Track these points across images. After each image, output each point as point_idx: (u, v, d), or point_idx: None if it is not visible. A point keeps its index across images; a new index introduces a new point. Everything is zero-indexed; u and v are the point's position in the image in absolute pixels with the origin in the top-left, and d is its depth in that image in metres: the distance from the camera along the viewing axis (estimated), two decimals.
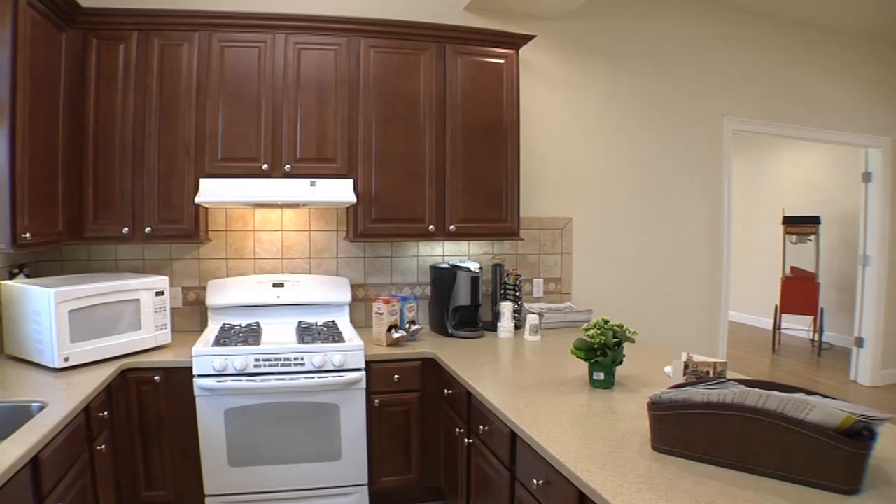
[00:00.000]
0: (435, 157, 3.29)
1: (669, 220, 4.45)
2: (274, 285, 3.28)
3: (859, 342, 6.12)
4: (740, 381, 1.79)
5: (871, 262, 5.98)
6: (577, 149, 4.07)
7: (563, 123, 4.02)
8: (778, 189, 8.80)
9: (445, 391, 2.86)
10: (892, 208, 5.96)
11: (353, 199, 3.05)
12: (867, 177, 5.97)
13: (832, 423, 1.45)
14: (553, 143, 3.98)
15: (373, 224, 3.20)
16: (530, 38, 3.47)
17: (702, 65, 4.54)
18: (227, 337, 2.88)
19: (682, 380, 2.09)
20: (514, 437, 2.05)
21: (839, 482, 1.43)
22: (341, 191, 3.04)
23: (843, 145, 6.08)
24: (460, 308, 3.34)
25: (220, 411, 2.70)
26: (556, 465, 1.68)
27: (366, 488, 2.96)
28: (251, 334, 2.93)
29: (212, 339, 2.84)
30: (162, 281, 2.92)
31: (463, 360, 2.81)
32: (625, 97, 4.22)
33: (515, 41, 3.44)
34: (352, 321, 3.40)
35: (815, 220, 7.60)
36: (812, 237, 7.63)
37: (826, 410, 1.47)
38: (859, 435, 1.46)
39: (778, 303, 7.80)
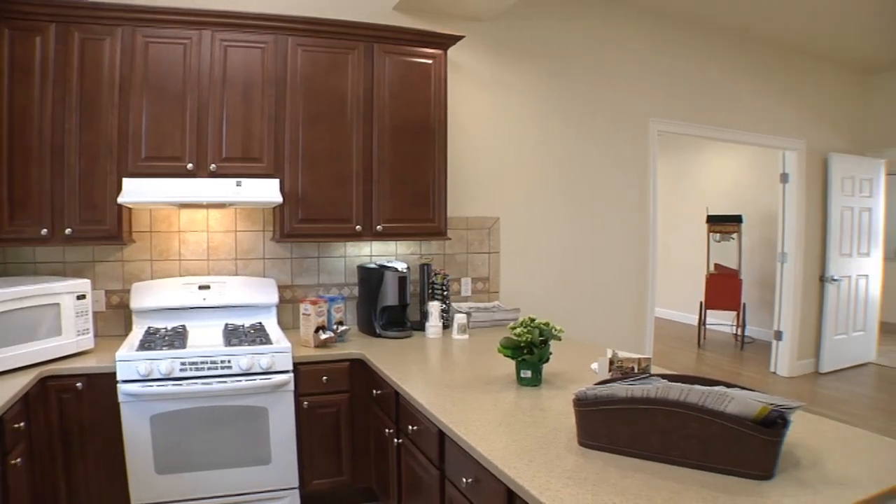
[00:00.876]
0: (362, 156, 3.44)
1: (596, 219, 4.74)
2: (200, 287, 3.34)
3: (778, 335, 6.67)
4: (663, 376, 1.93)
5: (789, 259, 6.51)
6: (504, 149, 4.29)
7: (492, 123, 4.23)
8: (702, 189, 9.43)
9: (374, 391, 3.00)
10: (807, 208, 6.51)
11: (280, 199, 3.16)
12: (784, 178, 6.49)
13: (749, 414, 1.58)
14: (481, 143, 4.19)
15: (299, 224, 3.32)
16: (458, 38, 3.66)
17: (628, 67, 4.85)
18: (152, 341, 2.92)
19: (607, 376, 2.21)
20: (442, 436, 2.14)
21: (755, 468, 1.57)
22: (267, 191, 3.15)
23: (762, 147, 6.60)
24: (388, 308, 3.51)
25: (146, 417, 2.74)
26: (484, 463, 1.77)
27: (297, 491, 3.06)
28: (177, 337, 2.99)
29: (136, 344, 2.88)
30: (84, 284, 2.95)
31: (391, 360, 2.94)
32: (552, 98, 4.48)
33: (444, 41, 3.62)
34: (279, 323, 3.50)
35: (737, 220, 8.19)
36: (734, 236, 8.21)
37: (744, 402, 1.59)
38: (774, 423, 1.60)
39: (703, 299, 8.34)
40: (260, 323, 3.38)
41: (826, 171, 6.67)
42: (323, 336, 3.14)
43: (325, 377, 3.06)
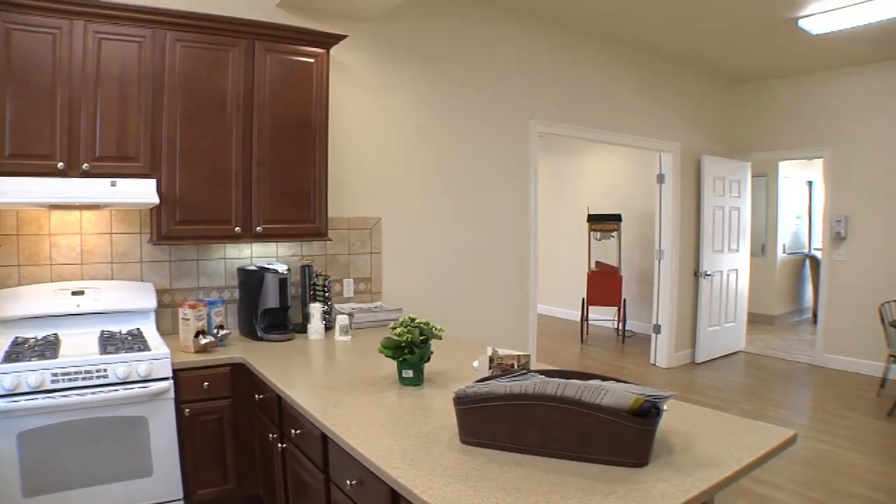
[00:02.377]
0: (242, 156, 3.57)
1: (479, 218, 5.10)
2: (73, 293, 3.33)
3: (657, 329, 7.39)
4: (541, 372, 2.07)
5: (665, 256, 7.19)
6: (387, 149, 4.56)
7: (374, 124, 4.48)
8: (583, 189, 10.19)
9: (257, 396, 3.13)
10: (682, 207, 7.22)
11: (157, 199, 3.23)
12: (661, 178, 7.18)
13: (624, 405, 1.74)
14: (363, 144, 4.43)
15: (177, 226, 3.40)
16: (342, 37, 3.87)
17: (511, 69, 5.24)
18: (20, 351, 2.88)
19: (487, 373, 2.34)
20: (325, 439, 2.26)
21: (631, 457, 1.75)
22: (144, 191, 3.21)
23: (640, 149, 7.25)
24: (269, 311, 3.69)
25: (13, 435, 2.69)
26: (367, 465, 1.87)
27: (182, 503, 3.11)
28: (48, 347, 2.96)
29: (1, 355, 2.82)
30: None
31: (273, 363, 3.09)
32: (436, 98, 4.78)
33: (326, 41, 3.82)
34: (158, 328, 3.54)
35: (616, 219, 8.92)
36: (614, 234, 8.94)
37: (618, 394, 1.75)
38: (648, 413, 1.77)
39: (585, 296, 8.97)
40: (138, 329, 3.41)
41: (699, 173, 7.44)
42: (203, 341, 3.23)
43: (206, 383, 3.14)
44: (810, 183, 11.24)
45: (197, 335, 3.25)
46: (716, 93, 7.88)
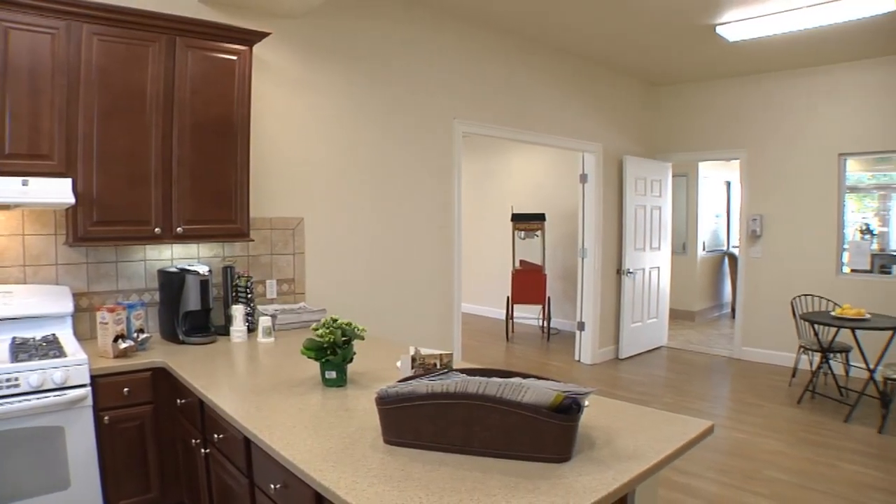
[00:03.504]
0: (162, 155, 3.53)
1: (403, 218, 5.17)
2: None
3: (581, 326, 7.61)
4: (463, 371, 2.11)
5: (588, 254, 7.41)
6: (310, 149, 4.58)
7: (298, 123, 4.49)
8: (508, 189, 10.40)
9: (179, 401, 3.10)
10: (605, 206, 7.45)
11: (72, 199, 3.16)
12: (584, 178, 7.40)
13: (545, 402, 1.78)
14: (286, 143, 4.44)
15: (94, 227, 3.33)
16: (265, 35, 3.87)
17: (435, 69, 5.33)
18: None
19: (410, 373, 2.38)
20: (248, 442, 2.26)
21: (554, 452, 1.80)
22: (58, 191, 3.13)
23: (563, 149, 7.46)
24: (191, 313, 3.66)
25: None
26: (290, 468, 1.87)
27: None
28: None
29: None
30: None
31: (195, 367, 3.07)
32: (360, 98, 4.82)
33: (249, 38, 3.81)
34: (76, 333, 3.46)
35: (540, 218, 9.13)
36: (538, 233, 9.15)
37: (539, 391, 1.79)
38: (569, 409, 1.82)
39: (510, 294, 9.14)
40: (53, 335, 3.33)
41: (621, 173, 7.70)
42: (122, 345, 3.18)
43: (126, 389, 3.09)
44: (728, 183, 11.76)
45: (116, 339, 3.20)
46: (638, 95, 8.19)
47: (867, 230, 11.49)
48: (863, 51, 6.67)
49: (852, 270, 7.65)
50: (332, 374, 2.67)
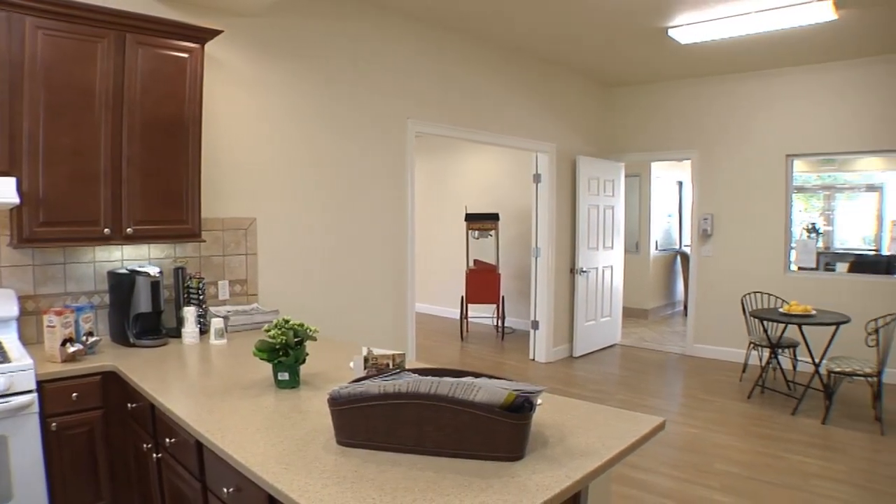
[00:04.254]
0: (111, 154, 3.45)
1: (357, 218, 5.16)
2: None
3: (535, 325, 7.70)
4: (415, 371, 2.12)
5: (542, 254, 7.49)
6: (263, 148, 4.54)
7: (250, 122, 4.46)
8: (462, 188, 10.47)
9: (129, 405, 3.05)
10: (558, 206, 7.54)
11: (17, 199, 3.09)
12: (537, 178, 7.48)
13: (497, 401, 1.80)
14: (238, 142, 4.40)
15: (41, 228, 3.25)
16: (217, 32, 3.82)
17: (389, 69, 5.34)
18: None
19: (363, 373, 2.40)
20: (200, 446, 2.24)
21: (507, 451, 1.83)
22: (2, 190, 3.05)
23: (517, 150, 7.53)
24: (142, 315, 3.61)
25: None
26: (243, 471, 1.86)
27: None
28: None
29: None
30: None
31: (146, 370, 3.02)
32: (314, 97, 4.81)
33: (201, 35, 3.77)
34: (22, 338, 3.39)
35: (494, 217, 9.22)
36: (492, 233, 9.23)
37: (491, 390, 1.81)
38: (521, 408, 1.84)
39: (464, 294, 9.18)
40: None
41: (575, 172, 7.80)
42: (71, 349, 3.12)
43: (75, 394, 3.03)
44: (680, 183, 12.00)
45: (64, 343, 3.13)
46: (591, 95, 8.31)
47: (813, 229, 11.86)
48: (808, 56, 6.92)
49: (799, 268, 7.92)
50: (285, 376, 2.66)
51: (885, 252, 11.15)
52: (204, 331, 3.87)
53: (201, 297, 3.95)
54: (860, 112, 6.99)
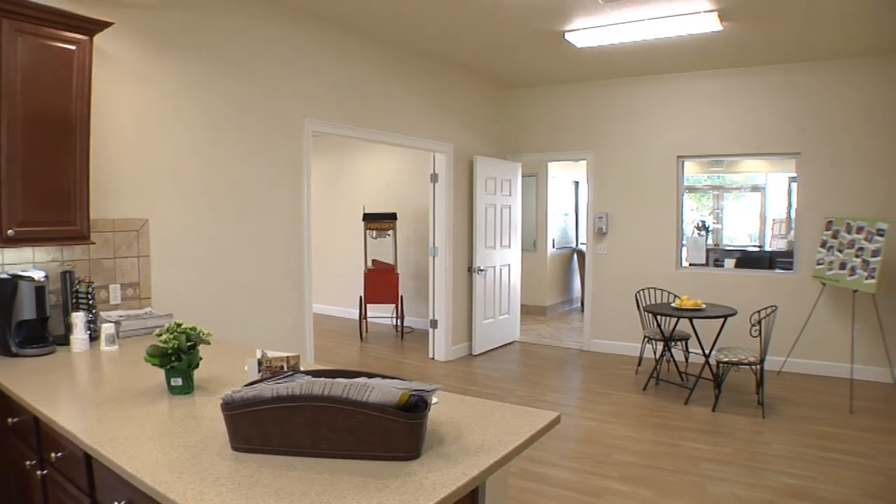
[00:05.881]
0: None
1: (252, 218, 5.10)
2: None
3: (434, 324, 7.79)
4: (308, 372, 2.11)
5: (440, 253, 7.59)
6: (156, 146, 4.42)
7: (143, 120, 4.33)
8: (360, 188, 10.51)
9: (10, 420, 2.88)
10: (455, 205, 7.67)
11: None
12: (434, 178, 7.60)
13: (391, 401, 1.82)
14: (130, 141, 4.27)
15: None
16: (107, 24, 3.68)
17: (286, 67, 5.31)
18: None
19: (257, 377, 2.37)
20: (89, 459, 2.16)
21: (403, 451, 1.84)
22: None
23: (415, 149, 7.61)
24: (25, 323, 3.45)
25: None
26: (134, 483, 1.81)
27: None
28: None
29: None
30: None
31: (29, 381, 2.87)
32: (208, 95, 4.72)
33: (90, 27, 3.60)
34: None
35: (392, 217, 9.29)
36: (390, 232, 9.28)
37: (385, 390, 1.82)
38: (416, 407, 1.87)
39: (363, 294, 9.20)
40: None
41: (472, 172, 7.95)
42: None
43: None
44: (576, 183, 12.38)
45: None
46: (490, 96, 8.47)
47: (703, 227, 12.48)
48: (698, 63, 7.33)
49: (690, 264, 8.33)
50: (178, 381, 2.61)
51: (768, 248, 11.88)
52: (94, 337, 3.72)
53: (91, 301, 3.81)
54: (745, 117, 7.45)
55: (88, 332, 3.64)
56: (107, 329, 3.60)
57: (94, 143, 3.78)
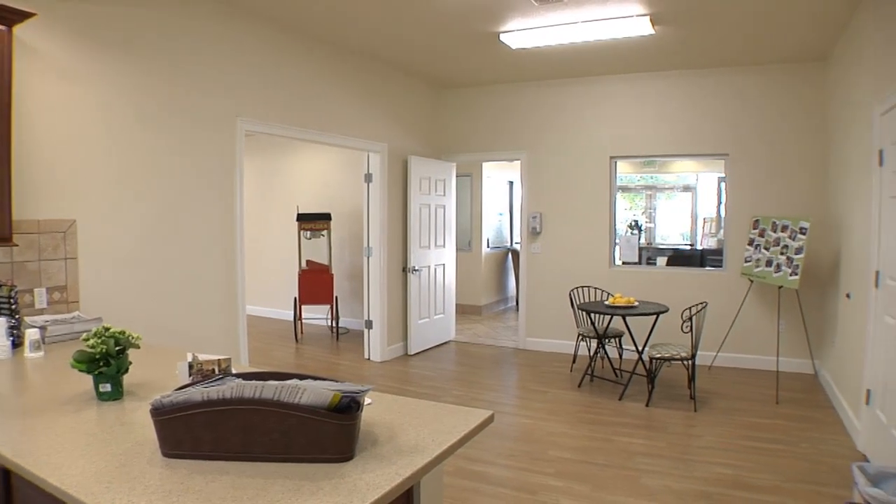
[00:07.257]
0: None
1: (184, 220, 5.03)
2: None
3: (369, 324, 7.80)
4: (239, 375, 2.09)
5: (374, 253, 7.63)
6: (84, 144, 4.32)
7: (70, 117, 4.23)
8: (293, 188, 10.48)
9: None
10: (389, 205, 7.72)
11: None
12: (368, 178, 7.64)
13: (323, 403, 1.82)
14: (56, 139, 4.16)
15: None
16: (28, 15, 3.55)
17: (218, 65, 5.27)
18: None
19: (188, 380, 2.35)
20: (7, 474, 2.07)
21: (336, 452, 1.84)
22: None
23: (349, 149, 7.63)
24: None
25: None
26: (59, 495, 1.73)
27: None
28: None
29: None
30: None
31: None
32: (140, 93, 4.65)
33: (9, 17, 3.47)
34: None
35: (326, 217, 9.28)
36: (325, 232, 9.26)
37: (316, 392, 1.83)
38: (348, 408, 1.87)
39: (297, 295, 9.15)
40: None
41: (406, 172, 8.00)
42: None
43: None
44: (511, 182, 12.53)
45: None
46: (424, 96, 8.52)
47: (636, 226, 12.78)
48: (631, 66, 7.53)
49: (623, 263, 8.54)
50: (107, 387, 2.54)
51: (699, 246, 12.25)
52: (18, 343, 3.62)
53: (14, 306, 3.70)
54: (676, 119, 7.69)
55: (11, 339, 3.53)
56: (31, 335, 3.50)
57: (18, 142, 3.69)
